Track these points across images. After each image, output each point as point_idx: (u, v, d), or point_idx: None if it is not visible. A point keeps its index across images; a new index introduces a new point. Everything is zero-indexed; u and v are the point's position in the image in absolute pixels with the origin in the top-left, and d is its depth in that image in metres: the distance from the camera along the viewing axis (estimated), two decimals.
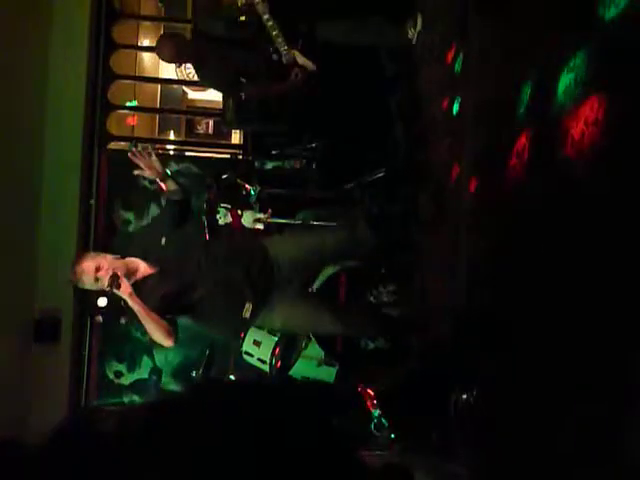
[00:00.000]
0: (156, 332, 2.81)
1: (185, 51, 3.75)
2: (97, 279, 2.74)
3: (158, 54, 3.77)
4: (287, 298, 3.02)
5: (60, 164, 5.24)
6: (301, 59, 3.84)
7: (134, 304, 2.74)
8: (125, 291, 2.71)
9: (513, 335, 2.30)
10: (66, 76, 5.27)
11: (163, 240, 2.96)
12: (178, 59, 3.83)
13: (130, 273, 2.84)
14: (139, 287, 2.82)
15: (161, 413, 0.77)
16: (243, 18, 3.83)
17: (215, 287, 2.90)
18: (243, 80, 3.84)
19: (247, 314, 2.93)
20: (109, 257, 2.83)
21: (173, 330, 2.87)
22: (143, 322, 2.79)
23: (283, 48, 3.76)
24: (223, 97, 4.92)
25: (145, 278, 2.89)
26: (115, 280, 2.69)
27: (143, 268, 2.91)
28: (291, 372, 3.88)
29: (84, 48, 5.39)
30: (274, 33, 3.68)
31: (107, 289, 2.68)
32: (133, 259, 2.92)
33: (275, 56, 3.81)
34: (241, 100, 4.10)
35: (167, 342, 2.84)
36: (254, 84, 3.88)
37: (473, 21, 3.04)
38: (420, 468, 2.65)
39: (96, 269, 2.74)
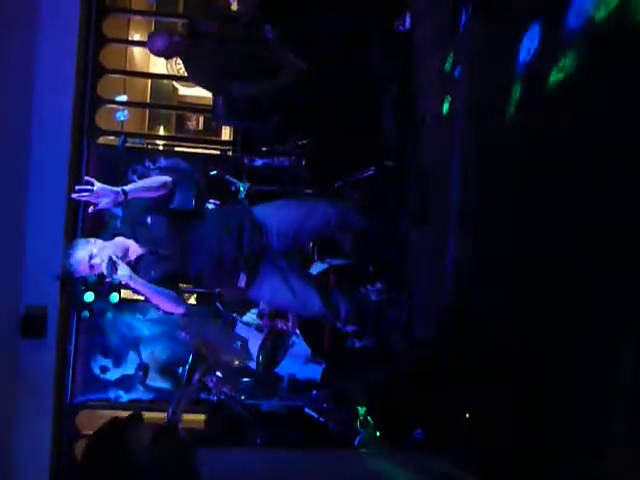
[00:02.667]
0: (165, 303, 2.89)
1: (176, 46, 3.75)
2: (92, 266, 2.78)
3: (149, 48, 3.78)
4: (278, 271, 3.09)
5: (48, 158, 5.20)
6: (291, 57, 3.83)
7: (137, 285, 2.80)
8: (125, 274, 2.75)
9: (502, 337, 2.31)
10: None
11: (149, 219, 2.97)
12: (169, 53, 3.83)
13: (122, 254, 2.88)
14: (134, 267, 2.87)
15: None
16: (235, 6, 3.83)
17: (210, 260, 2.97)
18: (233, 79, 3.84)
19: (243, 283, 3.02)
20: (99, 242, 2.86)
21: (180, 298, 2.98)
22: (150, 298, 2.86)
23: (273, 47, 3.75)
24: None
25: (138, 257, 2.94)
26: (113, 265, 2.72)
27: (134, 248, 2.95)
28: (278, 370, 3.87)
29: (74, 42, 5.35)
30: (264, 32, 3.68)
31: (107, 277, 2.73)
32: (123, 239, 2.94)
33: (266, 54, 3.81)
34: (231, 97, 4.09)
35: (178, 310, 2.94)
36: (244, 83, 3.88)
37: (465, 18, 3.04)
38: (405, 466, 2.65)
39: (90, 257, 2.77)
